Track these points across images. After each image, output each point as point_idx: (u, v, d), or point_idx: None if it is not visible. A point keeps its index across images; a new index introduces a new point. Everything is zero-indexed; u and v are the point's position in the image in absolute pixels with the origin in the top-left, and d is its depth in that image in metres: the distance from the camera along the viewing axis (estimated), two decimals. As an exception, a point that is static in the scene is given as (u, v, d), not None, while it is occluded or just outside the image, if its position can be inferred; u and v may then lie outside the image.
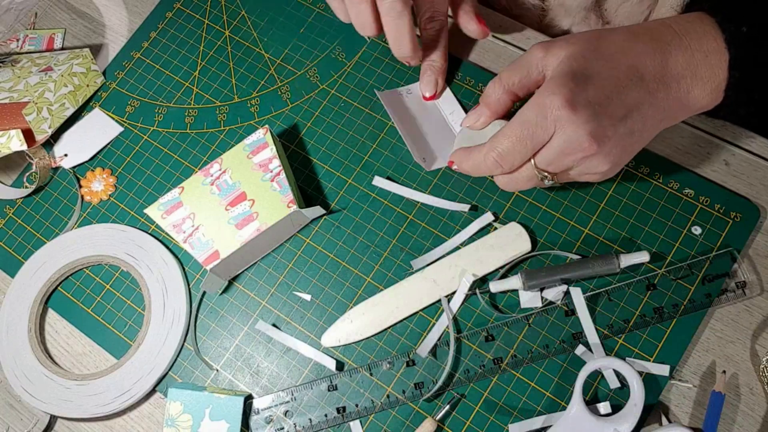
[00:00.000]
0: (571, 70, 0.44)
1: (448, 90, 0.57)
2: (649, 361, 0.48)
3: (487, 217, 0.53)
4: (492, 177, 0.52)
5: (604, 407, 0.47)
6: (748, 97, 0.46)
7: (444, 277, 0.51)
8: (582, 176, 0.47)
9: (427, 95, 0.56)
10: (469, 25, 0.55)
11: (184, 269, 0.55)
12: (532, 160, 0.46)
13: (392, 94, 0.58)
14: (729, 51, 0.45)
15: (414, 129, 0.56)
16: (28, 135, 0.58)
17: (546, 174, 0.46)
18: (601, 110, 0.43)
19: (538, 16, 0.64)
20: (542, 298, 0.50)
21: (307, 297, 0.53)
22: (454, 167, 0.50)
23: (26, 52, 0.65)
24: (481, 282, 0.51)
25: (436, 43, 0.55)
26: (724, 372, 0.47)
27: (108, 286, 0.56)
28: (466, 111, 0.56)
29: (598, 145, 0.43)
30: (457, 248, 0.52)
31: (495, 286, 0.50)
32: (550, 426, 0.46)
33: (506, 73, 0.48)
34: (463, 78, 0.58)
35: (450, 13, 0.56)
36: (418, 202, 0.54)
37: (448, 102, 0.57)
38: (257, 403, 0.50)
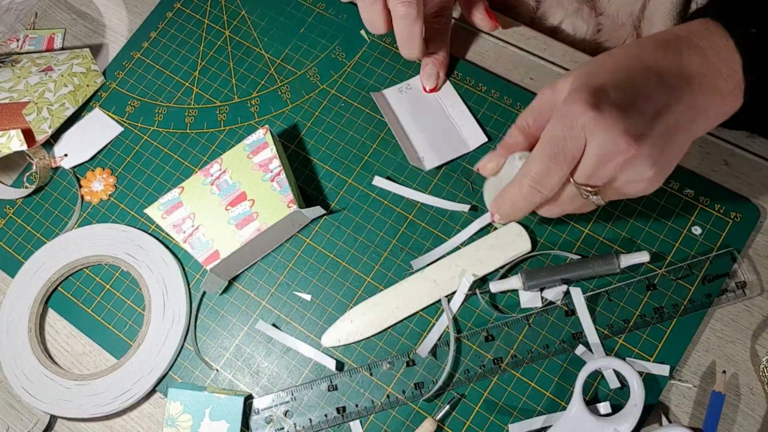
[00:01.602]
0: (587, 83, 0.41)
1: (448, 83, 0.57)
2: (649, 361, 0.48)
3: (487, 217, 0.53)
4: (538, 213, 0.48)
5: (604, 407, 0.47)
6: (765, 99, 0.44)
7: (444, 277, 0.51)
8: (628, 186, 0.43)
9: (428, 87, 0.56)
10: (480, 20, 0.57)
11: (184, 269, 0.55)
12: (572, 179, 0.42)
13: (387, 94, 0.58)
14: (741, 54, 0.42)
15: (411, 127, 0.56)
16: (28, 135, 0.58)
17: (589, 189, 0.42)
18: (630, 109, 0.40)
19: (533, 8, 0.64)
20: (542, 298, 0.50)
21: (307, 297, 0.53)
22: (497, 218, 0.48)
23: (26, 52, 0.65)
24: (481, 282, 0.51)
25: (439, 37, 0.56)
26: (724, 372, 0.47)
27: (108, 286, 0.56)
28: (466, 104, 0.56)
29: (637, 144, 0.39)
30: (457, 248, 0.52)
31: (495, 286, 0.50)
32: (550, 426, 0.46)
33: (520, 116, 0.46)
34: (463, 78, 0.57)
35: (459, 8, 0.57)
36: (418, 202, 0.54)
37: (448, 94, 0.57)
38: (257, 403, 0.50)
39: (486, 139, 0.55)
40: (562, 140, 0.41)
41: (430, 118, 0.56)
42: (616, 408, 0.47)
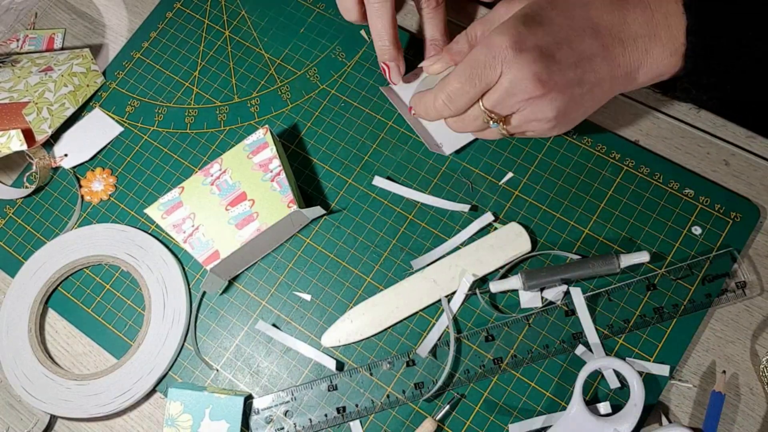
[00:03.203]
0: (524, 15, 0.45)
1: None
2: (649, 361, 0.48)
3: (487, 217, 0.53)
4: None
5: (604, 407, 0.47)
6: (706, 66, 0.46)
7: (444, 277, 0.51)
8: (530, 123, 0.47)
9: (432, 73, 0.56)
10: None
11: (184, 269, 0.55)
12: (480, 102, 0.47)
13: (395, 87, 0.57)
14: (686, 16, 0.45)
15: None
16: (28, 135, 0.58)
17: (493, 116, 0.47)
18: (550, 54, 0.44)
19: None
20: (542, 298, 0.50)
21: (307, 297, 0.53)
22: (412, 112, 0.52)
23: (26, 52, 0.65)
24: (481, 282, 0.51)
25: (435, 21, 0.55)
26: (724, 372, 0.47)
27: (108, 286, 0.56)
28: None
29: (543, 88, 0.44)
30: (457, 248, 0.52)
31: (495, 286, 0.50)
32: (550, 426, 0.46)
33: (471, 26, 0.51)
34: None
35: None
36: (418, 202, 0.54)
37: None
38: (257, 403, 0.50)
39: None
40: (482, 66, 0.45)
41: None
42: (616, 408, 0.47)
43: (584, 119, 0.49)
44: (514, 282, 0.50)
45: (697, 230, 0.51)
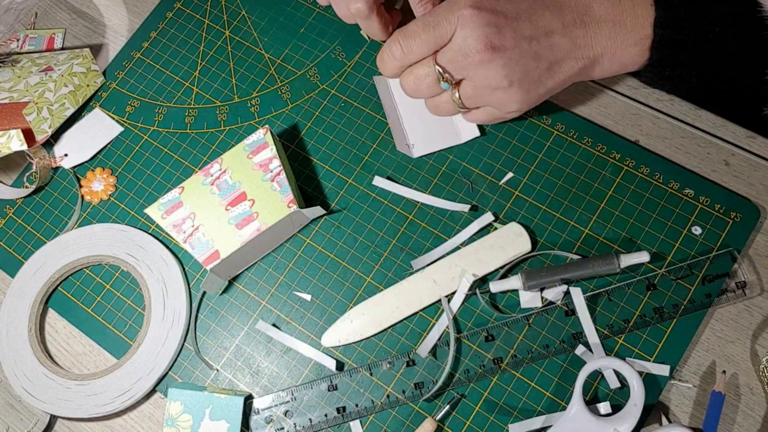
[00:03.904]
0: None
1: None
2: (649, 361, 0.48)
3: (487, 217, 0.53)
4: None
5: (604, 407, 0.47)
6: (672, 59, 0.47)
7: (444, 277, 0.51)
8: (483, 91, 0.47)
9: None
10: None
11: (184, 269, 0.55)
12: (434, 58, 0.47)
13: (389, 78, 0.57)
14: (655, 8, 0.46)
15: (406, 112, 0.56)
16: (28, 135, 0.58)
17: (445, 75, 0.47)
18: (507, 21, 0.44)
19: None
20: (542, 298, 0.50)
21: (307, 297, 0.53)
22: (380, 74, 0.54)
23: (26, 52, 0.65)
24: (481, 282, 0.51)
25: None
26: (724, 372, 0.47)
27: (108, 286, 0.56)
28: None
29: (492, 51, 0.44)
30: (457, 248, 0.52)
31: (495, 286, 0.50)
32: (550, 426, 0.46)
33: None
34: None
35: None
36: (418, 202, 0.54)
37: None
38: (257, 403, 0.50)
39: (479, 134, 0.55)
40: (440, 16, 0.46)
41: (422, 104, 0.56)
42: (616, 408, 0.47)
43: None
44: (514, 282, 0.50)
45: (697, 230, 0.51)
